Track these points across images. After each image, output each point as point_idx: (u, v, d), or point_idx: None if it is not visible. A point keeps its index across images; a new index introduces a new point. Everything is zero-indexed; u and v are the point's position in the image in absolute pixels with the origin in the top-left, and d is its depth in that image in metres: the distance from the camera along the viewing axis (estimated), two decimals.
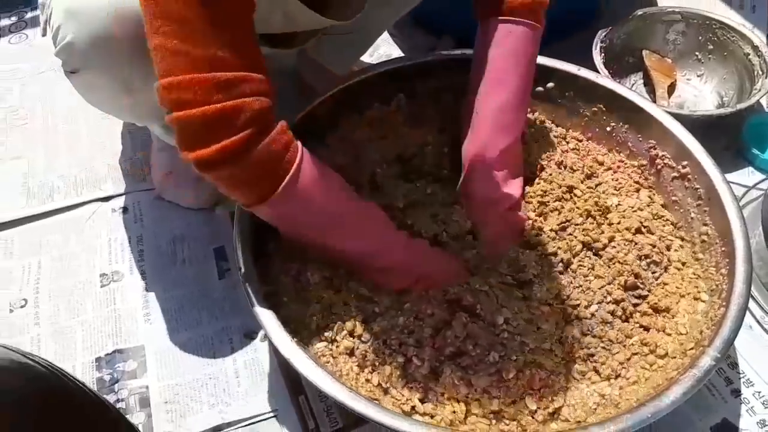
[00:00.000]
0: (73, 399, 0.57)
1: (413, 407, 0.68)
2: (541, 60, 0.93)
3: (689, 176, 0.85)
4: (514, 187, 0.85)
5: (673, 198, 0.87)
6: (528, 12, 0.80)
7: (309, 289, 0.75)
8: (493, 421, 0.67)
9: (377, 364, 0.71)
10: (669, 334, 0.73)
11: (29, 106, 1.22)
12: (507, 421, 0.67)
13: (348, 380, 0.69)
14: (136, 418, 0.81)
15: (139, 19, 0.60)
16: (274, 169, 0.64)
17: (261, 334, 0.88)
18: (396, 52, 1.28)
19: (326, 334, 0.72)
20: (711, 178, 0.81)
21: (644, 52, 1.18)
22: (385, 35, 1.29)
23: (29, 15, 1.45)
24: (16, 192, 1.07)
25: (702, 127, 0.99)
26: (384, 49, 1.28)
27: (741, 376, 0.83)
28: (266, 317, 0.69)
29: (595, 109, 0.94)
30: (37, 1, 1.46)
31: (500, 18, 0.80)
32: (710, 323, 0.70)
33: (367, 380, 0.70)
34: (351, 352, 0.72)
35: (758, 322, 0.87)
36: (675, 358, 0.70)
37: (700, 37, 1.16)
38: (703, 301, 0.75)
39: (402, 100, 0.98)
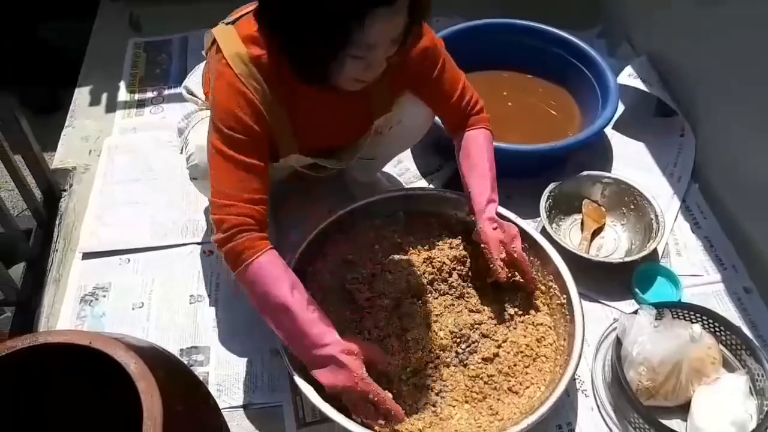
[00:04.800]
0: (178, 365, 1.08)
1: None
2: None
3: (565, 305, 1.31)
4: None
5: (554, 316, 1.34)
6: (480, 122, 1.34)
7: None
8: None
9: None
10: (513, 407, 1.20)
11: (158, 166, 1.77)
12: None
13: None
14: None
15: None
16: (235, 259, 1.06)
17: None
18: (412, 166, 1.78)
19: None
20: (574, 310, 1.27)
21: (584, 201, 1.65)
22: (408, 153, 1.80)
23: (166, 92, 2.00)
24: (144, 228, 1.62)
25: (609, 266, 1.46)
26: (404, 164, 1.78)
27: None
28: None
29: (523, 245, 1.41)
30: (172, 82, 2.05)
31: (465, 130, 1.34)
32: (538, 403, 1.16)
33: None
34: None
35: (598, 406, 1.32)
36: (510, 419, 1.17)
37: (625, 198, 1.61)
38: (541, 390, 1.22)
39: (401, 215, 1.49)
